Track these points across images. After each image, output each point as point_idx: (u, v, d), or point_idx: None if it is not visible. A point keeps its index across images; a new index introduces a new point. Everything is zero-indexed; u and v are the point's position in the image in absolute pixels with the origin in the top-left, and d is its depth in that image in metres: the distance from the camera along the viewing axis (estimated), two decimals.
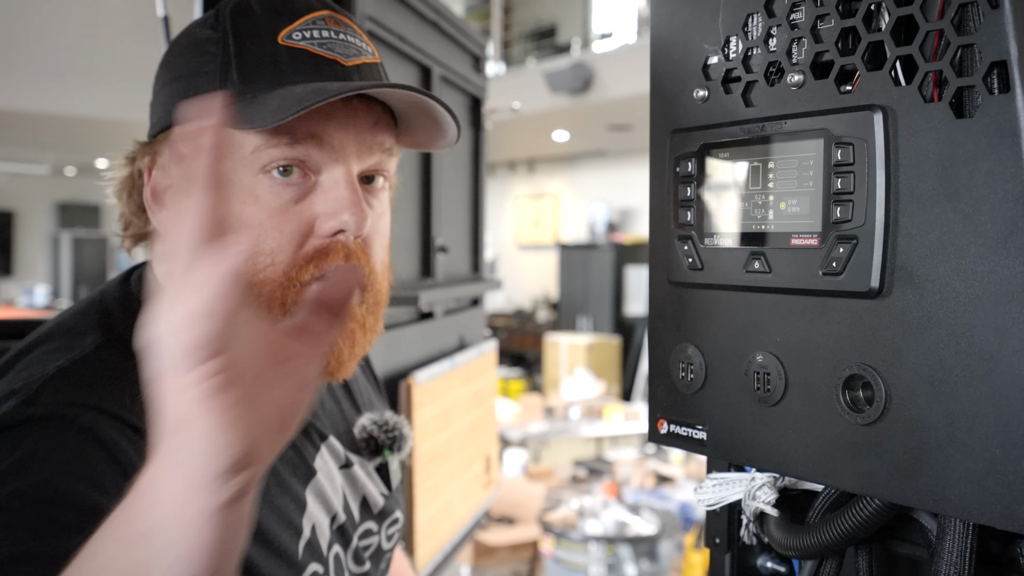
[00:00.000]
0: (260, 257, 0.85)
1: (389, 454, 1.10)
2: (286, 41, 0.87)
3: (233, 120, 0.83)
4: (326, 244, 0.86)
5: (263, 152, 0.84)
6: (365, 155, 0.89)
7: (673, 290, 0.78)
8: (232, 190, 0.85)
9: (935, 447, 0.61)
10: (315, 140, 0.84)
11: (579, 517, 4.69)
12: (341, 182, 0.86)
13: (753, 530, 0.81)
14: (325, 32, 0.88)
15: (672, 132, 0.77)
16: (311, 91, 0.82)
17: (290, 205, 0.85)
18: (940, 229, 0.60)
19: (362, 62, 0.90)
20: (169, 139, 0.88)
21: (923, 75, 0.61)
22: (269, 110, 0.82)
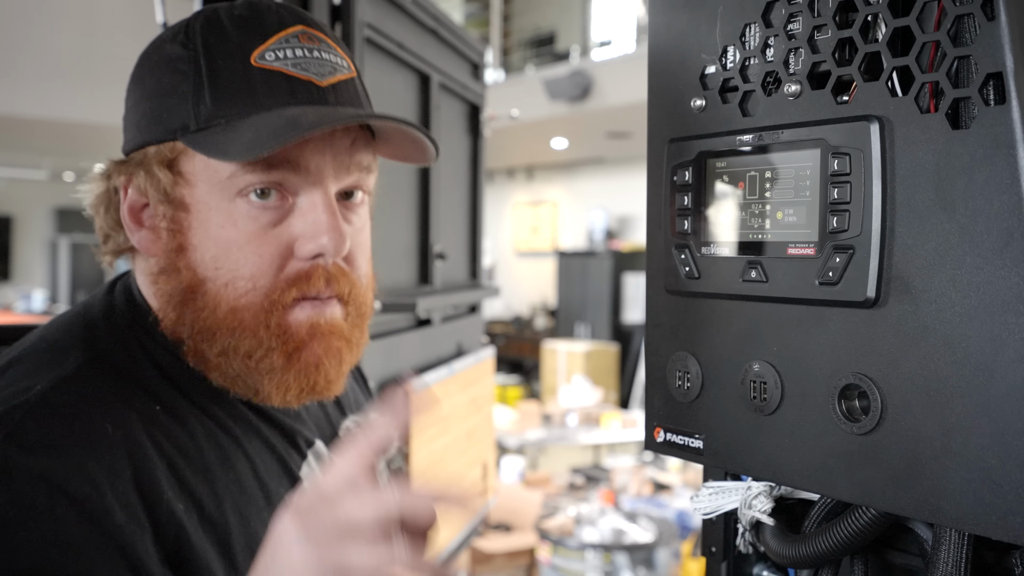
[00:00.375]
0: (240, 282, 0.85)
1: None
2: (259, 62, 0.85)
3: (207, 147, 0.83)
4: (307, 267, 0.86)
5: (239, 177, 0.84)
6: (343, 175, 0.88)
7: (670, 298, 0.78)
8: (209, 215, 0.85)
9: (931, 457, 0.61)
10: (291, 164, 0.84)
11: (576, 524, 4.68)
12: (319, 205, 0.86)
13: (749, 539, 0.81)
14: (299, 51, 0.87)
15: (669, 141, 0.78)
16: (286, 123, 0.81)
17: (268, 228, 0.85)
18: (936, 240, 0.60)
19: (337, 80, 0.89)
20: (144, 159, 0.87)
21: (919, 86, 0.61)
22: (244, 142, 0.81)
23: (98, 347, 0.85)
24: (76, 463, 0.74)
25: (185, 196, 0.86)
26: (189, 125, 0.84)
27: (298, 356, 0.87)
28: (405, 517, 0.65)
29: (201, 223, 0.85)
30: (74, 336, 0.86)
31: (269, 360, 0.86)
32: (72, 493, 0.72)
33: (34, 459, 0.73)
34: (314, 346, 0.87)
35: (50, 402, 0.78)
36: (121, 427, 0.78)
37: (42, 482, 0.72)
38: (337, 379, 0.90)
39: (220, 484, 0.84)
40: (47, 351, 0.84)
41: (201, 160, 0.85)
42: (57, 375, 0.80)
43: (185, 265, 0.86)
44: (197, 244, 0.85)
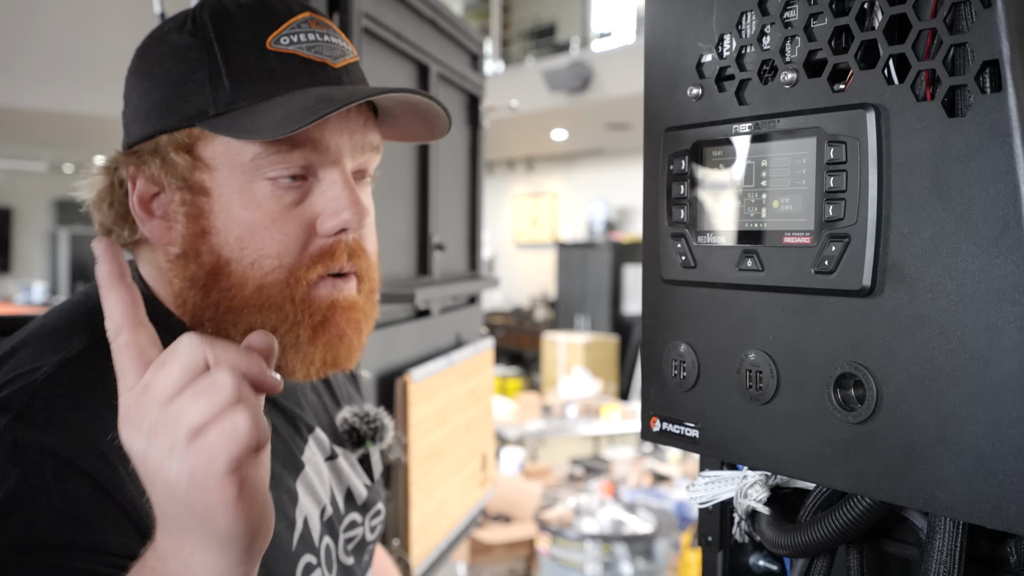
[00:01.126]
0: (266, 260, 0.86)
1: (371, 445, 1.11)
2: (274, 46, 0.87)
3: (234, 129, 0.84)
4: (330, 243, 0.88)
5: (262, 160, 0.85)
6: (358, 154, 0.91)
7: (666, 288, 0.78)
8: (231, 197, 0.86)
9: (926, 446, 0.61)
10: (312, 144, 0.86)
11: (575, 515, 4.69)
12: (339, 182, 0.88)
13: (745, 528, 0.81)
14: (311, 35, 0.89)
15: (666, 130, 0.77)
16: (315, 100, 0.83)
17: (291, 207, 0.87)
18: (932, 228, 0.60)
19: (348, 63, 0.92)
20: (158, 147, 0.88)
21: (916, 74, 0.61)
22: (275, 120, 0.82)
23: (101, 332, 0.85)
24: (85, 438, 0.75)
25: (205, 181, 0.87)
26: (208, 110, 0.86)
27: (323, 329, 0.89)
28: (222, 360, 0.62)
29: (223, 206, 0.87)
30: (76, 322, 0.87)
31: (295, 334, 0.88)
32: (83, 467, 0.74)
33: (44, 435, 0.75)
34: (337, 319, 0.90)
35: (57, 382, 0.79)
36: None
37: (52, 456, 0.73)
38: (358, 350, 0.94)
39: None
40: (50, 336, 0.85)
41: (222, 144, 0.86)
42: (63, 357, 0.81)
43: (208, 249, 0.87)
44: (220, 227, 0.87)
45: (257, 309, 0.87)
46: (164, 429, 0.60)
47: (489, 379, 2.57)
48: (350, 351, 0.92)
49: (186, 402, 0.59)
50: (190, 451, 0.59)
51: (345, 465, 1.07)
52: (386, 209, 1.99)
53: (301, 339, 0.88)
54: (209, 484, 0.59)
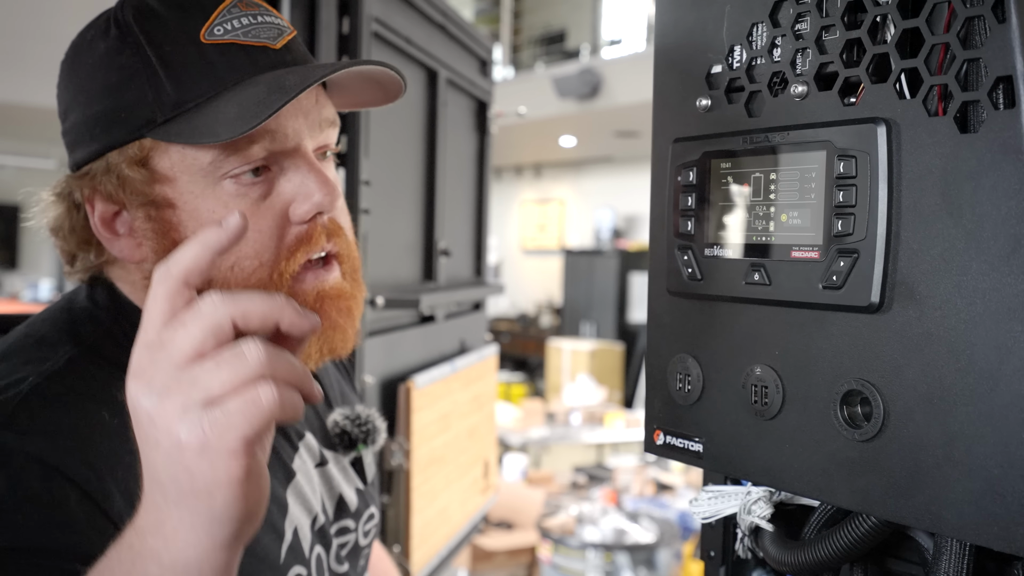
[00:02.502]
0: (245, 262, 0.84)
1: (363, 448, 1.09)
2: (209, 38, 0.83)
3: (187, 135, 0.81)
4: (306, 229, 0.86)
5: (221, 160, 0.82)
6: (316, 133, 0.88)
7: (672, 300, 0.78)
8: (197, 204, 0.83)
9: (933, 465, 0.60)
10: (270, 135, 0.83)
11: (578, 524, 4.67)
12: (303, 166, 0.85)
13: (748, 544, 0.80)
14: (244, 19, 0.85)
15: (674, 141, 0.77)
16: (267, 91, 0.80)
17: (260, 201, 0.84)
18: (942, 245, 0.59)
19: (288, 40, 0.88)
20: (109, 165, 0.84)
21: (928, 88, 0.60)
22: (229, 119, 0.79)
23: (87, 341, 0.84)
24: (73, 447, 0.74)
25: (167, 192, 0.83)
26: (155, 118, 0.82)
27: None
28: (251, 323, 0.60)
29: (190, 215, 0.83)
30: (61, 330, 0.85)
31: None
32: (70, 475, 0.72)
33: (30, 442, 0.73)
34: (327, 309, 0.87)
35: (43, 393, 0.77)
36: (119, 414, 0.77)
37: (38, 463, 0.72)
38: (353, 336, 0.91)
39: None
40: (36, 346, 0.83)
41: (176, 152, 0.82)
42: (49, 368, 0.80)
43: None
44: (191, 236, 0.83)
45: None
46: (178, 391, 0.57)
47: (493, 386, 2.56)
48: (345, 338, 0.90)
49: (206, 370, 0.57)
50: (205, 418, 0.56)
51: (335, 471, 1.05)
52: (392, 214, 1.99)
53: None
54: (218, 456, 0.56)
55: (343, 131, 1.70)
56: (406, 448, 1.86)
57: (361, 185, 1.68)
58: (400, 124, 2.02)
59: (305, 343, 0.65)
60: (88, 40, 0.87)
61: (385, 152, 1.89)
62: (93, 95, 0.85)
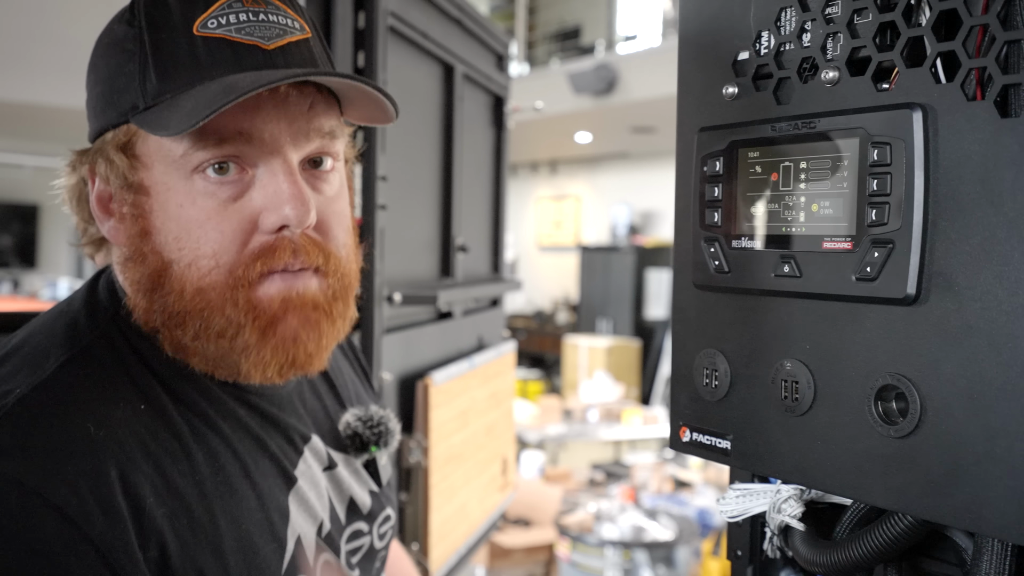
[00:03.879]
0: (203, 261, 0.82)
1: (376, 450, 1.06)
2: (202, 31, 0.81)
3: (151, 124, 0.80)
4: (271, 240, 0.83)
5: (192, 155, 0.81)
6: (302, 142, 0.85)
7: (698, 294, 0.76)
8: (168, 195, 0.82)
9: (972, 463, 0.58)
10: (244, 136, 0.81)
11: (596, 521, 4.66)
12: (279, 174, 0.83)
13: (777, 544, 0.79)
14: (242, 15, 0.83)
15: (700, 130, 0.75)
16: (222, 89, 0.78)
17: (228, 203, 0.82)
18: (982, 234, 0.57)
19: (287, 42, 0.84)
20: (103, 145, 0.85)
21: (966, 72, 0.58)
22: (183, 113, 0.77)
23: (79, 344, 0.83)
24: (54, 467, 0.72)
25: (144, 179, 0.83)
26: (138, 104, 0.81)
27: (272, 331, 0.84)
28: None
29: (161, 205, 0.83)
30: (55, 336, 0.84)
31: (242, 338, 0.83)
32: (48, 497, 0.70)
33: (9, 463, 0.70)
34: (289, 319, 0.84)
35: (27, 407, 0.75)
36: (104, 426, 0.76)
37: (17, 487, 0.69)
38: (318, 352, 0.88)
39: (209, 486, 0.82)
40: (29, 354, 0.82)
41: (154, 140, 0.82)
42: (36, 379, 0.78)
43: (151, 250, 0.83)
44: (160, 227, 0.83)
45: (198, 313, 0.83)
46: None
47: (511, 382, 2.55)
48: (308, 353, 0.86)
49: None
50: None
51: (345, 474, 1.03)
52: (409, 210, 1.97)
53: (249, 342, 0.83)
54: None
55: (360, 127, 1.69)
56: (424, 445, 1.85)
57: (378, 180, 1.67)
58: (416, 119, 2.00)
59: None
60: (112, 23, 0.87)
61: (402, 147, 1.87)
62: (101, 74, 0.86)
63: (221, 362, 0.86)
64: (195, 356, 0.85)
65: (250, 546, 0.83)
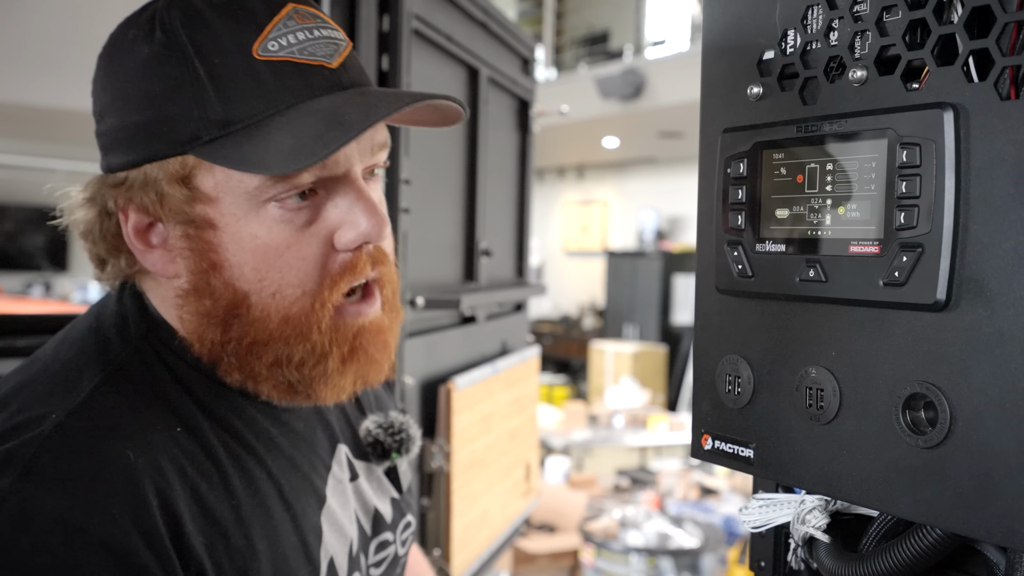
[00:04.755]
0: (288, 289, 0.81)
1: (397, 456, 1.05)
2: (263, 55, 0.78)
3: (235, 161, 0.77)
4: (351, 257, 0.82)
5: (270, 188, 0.78)
6: (367, 157, 0.84)
7: (721, 298, 0.74)
8: (239, 227, 0.80)
9: (1004, 475, 0.56)
10: (321, 163, 0.79)
11: (621, 527, 4.63)
12: (352, 192, 0.82)
13: (801, 555, 0.77)
14: (300, 34, 0.80)
15: (723, 131, 0.73)
16: (325, 124, 0.76)
17: (305, 228, 0.81)
18: (1015, 238, 0.55)
19: (344, 57, 0.83)
20: (147, 178, 0.80)
21: (1000, 70, 0.56)
22: (282, 152, 0.75)
23: (114, 362, 0.81)
24: (97, 500, 0.70)
25: (208, 213, 0.80)
26: (200, 135, 0.77)
27: (352, 357, 0.84)
28: None
29: (232, 237, 0.80)
30: (87, 353, 0.82)
31: (324, 365, 0.83)
32: (93, 533, 0.68)
33: (52, 499, 0.69)
34: (366, 345, 0.85)
35: (66, 433, 0.73)
36: (143, 453, 0.74)
37: (61, 524, 0.68)
38: (387, 367, 0.89)
39: (246, 509, 0.81)
40: (60, 372, 0.80)
41: (221, 172, 0.78)
42: (72, 401, 0.76)
43: (222, 283, 0.81)
44: (232, 260, 0.80)
45: (284, 341, 0.81)
46: None
47: (534, 388, 2.53)
48: (380, 372, 0.88)
49: None
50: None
51: (366, 486, 1.02)
52: (433, 214, 1.97)
53: (331, 369, 0.83)
54: None
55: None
56: (446, 450, 1.84)
57: (401, 184, 1.66)
58: None
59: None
60: (130, 40, 0.81)
61: (425, 150, 1.87)
62: (133, 102, 0.80)
63: (293, 388, 0.85)
64: (266, 383, 0.84)
65: (286, 570, 0.82)
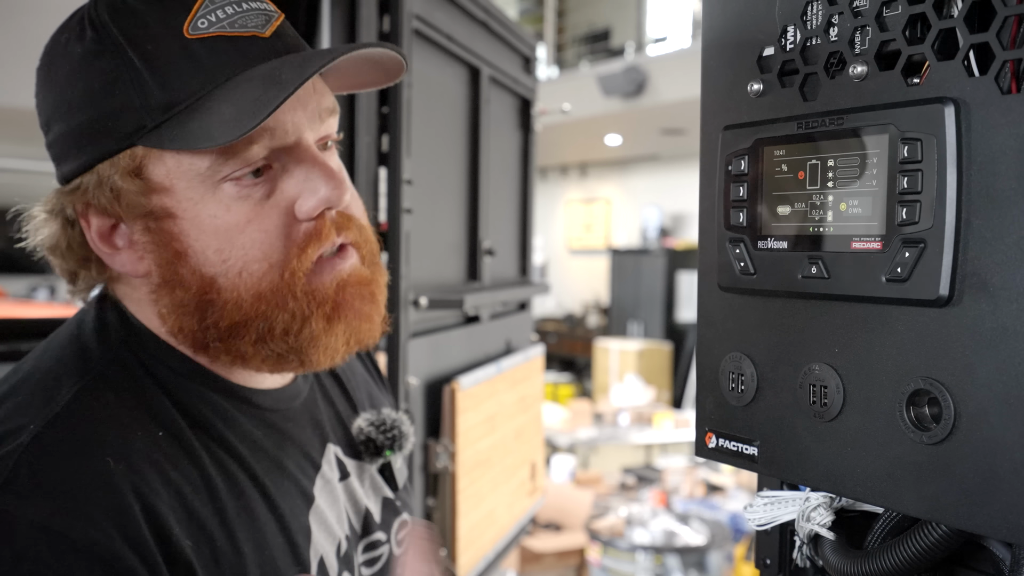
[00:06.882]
0: (254, 265, 0.80)
1: (390, 454, 1.04)
2: (193, 33, 0.77)
3: (181, 140, 0.76)
4: (314, 225, 0.82)
5: (221, 165, 0.78)
6: (316, 124, 0.84)
7: (723, 296, 0.74)
8: (197, 211, 0.79)
9: (1010, 470, 0.55)
10: (269, 132, 0.79)
11: (627, 525, 4.63)
12: (306, 159, 0.82)
13: (807, 553, 0.76)
14: (228, 8, 0.79)
15: (724, 128, 0.73)
16: (262, 87, 0.75)
17: (263, 201, 0.80)
18: (1018, 232, 0.55)
19: (277, 26, 0.82)
20: (101, 178, 0.79)
21: (1000, 64, 0.56)
22: (225, 120, 0.74)
23: (94, 370, 0.80)
24: (78, 507, 0.70)
25: (165, 202, 0.79)
26: (145, 124, 0.77)
27: (338, 314, 0.84)
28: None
29: (191, 223, 0.79)
30: (67, 362, 0.82)
31: (308, 328, 0.82)
32: (77, 540, 0.68)
33: (33, 507, 0.69)
34: (349, 299, 0.84)
35: (44, 443, 0.73)
36: (123, 459, 0.74)
37: (44, 532, 0.68)
38: (379, 324, 0.88)
39: (230, 513, 0.80)
40: (40, 383, 0.80)
41: (172, 158, 0.78)
42: (50, 411, 0.75)
43: (188, 271, 0.80)
44: (195, 245, 0.80)
45: (262, 317, 0.81)
46: None
47: (539, 387, 2.53)
48: (372, 327, 0.87)
49: None
50: None
51: (357, 485, 1.01)
52: (435, 214, 1.97)
53: (316, 331, 0.82)
54: None
55: (384, 130, 1.68)
56: (451, 450, 1.84)
57: (403, 184, 1.66)
58: (442, 122, 2.00)
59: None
60: (63, 44, 0.81)
61: (427, 150, 1.87)
62: (75, 104, 0.79)
63: (283, 358, 0.84)
64: (255, 359, 0.84)
65: (274, 572, 0.82)
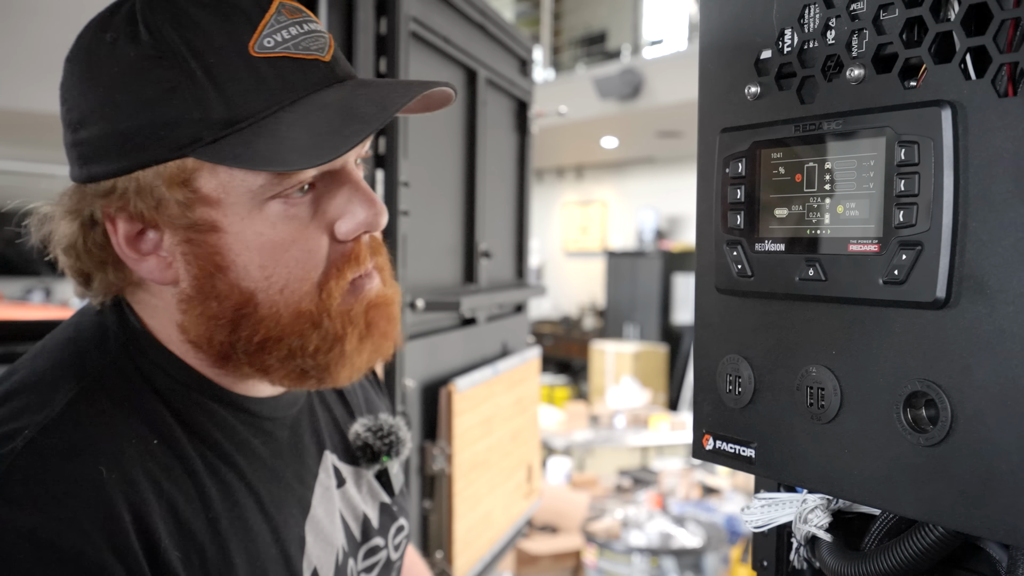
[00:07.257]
0: (296, 284, 0.81)
1: (388, 459, 1.04)
2: (259, 51, 0.77)
3: (248, 160, 0.75)
4: (351, 247, 0.83)
5: (275, 186, 0.78)
6: (359, 146, 0.83)
7: (720, 298, 0.74)
8: (243, 226, 0.79)
9: (1007, 472, 0.56)
10: None
11: (623, 527, 4.63)
12: (349, 182, 0.83)
13: (804, 554, 0.77)
14: (292, 29, 0.79)
15: (721, 131, 0.73)
16: (339, 118, 0.76)
17: (308, 221, 0.81)
18: (1015, 235, 0.55)
19: (333, 51, 0.83)
20: (141, 184, 0.78)
21: (997, 67, 0.56)
22: (301, 147, 0.75)
23: (90, 375, 0.80)
24: (67, 516, 0.70)
25: (211, 215, 0.78)
26: (202, 137, 0.75)
27: (369, 334, 0.85)
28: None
29: (236, 238, 0.79)
30: (63, 366, 0.81)
31: (340, 347, 0.83)
32: (64, 549, 0.68)
33: (22, 514, 0.68)
34: (377, 320, 0.86)
35: (38, 449, 0.72)
36: (116, 467, 0.74)
37: (29, 541, 0.67)
38: (397, 339, 0.90)
39: (223, 523, 0.80)
40: (35, 385, 0.79)
41: (225, 172, 0.77)
42: (45, 416, 0.75)
43: (227, 284, 0.80)
44: (237, 260, 0.79)
45: (298, 334, 0.81)
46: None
47: (536, 389, 2.53)
48: (391, 345, 0.89)
49: None
50: None
51: (354, 491, 1.00)
52: (432, 216, 1.97)
53: (347, 350, 0.83)
54: None
55: (381, 132, 1.68)
56: (448, 453, 1.84)
57: (400, 186, 1.66)
58: (439, 124, 2.00)
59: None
60: (108, 43, 0.78)
61: (424, 153, 1.87)
62: (123, 107, 0.77)
63: (307, 374, 0.84)
64: (277, 373, 0.84)
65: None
